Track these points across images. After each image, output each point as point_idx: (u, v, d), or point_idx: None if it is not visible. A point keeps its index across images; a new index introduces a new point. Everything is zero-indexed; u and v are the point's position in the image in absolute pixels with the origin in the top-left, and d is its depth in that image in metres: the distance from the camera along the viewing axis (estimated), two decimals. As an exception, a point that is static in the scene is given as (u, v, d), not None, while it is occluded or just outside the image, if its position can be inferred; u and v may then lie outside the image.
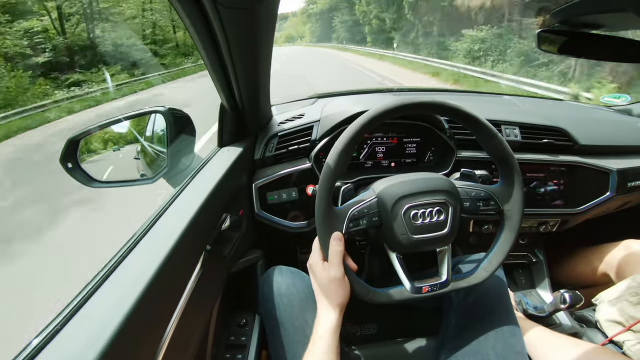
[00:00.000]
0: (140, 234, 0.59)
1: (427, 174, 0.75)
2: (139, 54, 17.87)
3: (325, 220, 0.65)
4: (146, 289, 0.47)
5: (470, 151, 1.11)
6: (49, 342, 0.40)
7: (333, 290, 0.66)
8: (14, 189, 4.72)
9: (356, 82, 11.45)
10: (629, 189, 1.16)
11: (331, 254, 0.65)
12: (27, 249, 3.02)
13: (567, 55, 0.81)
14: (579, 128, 1.18)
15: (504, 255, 0.73)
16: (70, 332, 0.41)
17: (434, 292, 0.69)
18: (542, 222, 1.20)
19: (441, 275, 0.71)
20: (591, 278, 1.22)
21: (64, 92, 12.92)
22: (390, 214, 0.67)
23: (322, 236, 0.66)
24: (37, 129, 8.91)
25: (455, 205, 0.69)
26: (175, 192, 0.74)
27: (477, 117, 0.69)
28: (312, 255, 0.71)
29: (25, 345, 0.39)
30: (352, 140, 0.65)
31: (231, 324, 0.97)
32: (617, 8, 0.54)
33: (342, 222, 0.67)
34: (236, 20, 0.58)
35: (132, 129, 0.99)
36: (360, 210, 0.68)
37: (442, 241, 0.70)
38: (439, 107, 0.69)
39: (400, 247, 0.70)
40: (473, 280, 0.72)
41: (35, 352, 0.38)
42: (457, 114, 0.69)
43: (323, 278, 0.66)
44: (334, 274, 0.65)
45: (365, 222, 0.68)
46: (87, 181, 0.86)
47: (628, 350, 0.88)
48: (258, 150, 1.05)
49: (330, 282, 0.65)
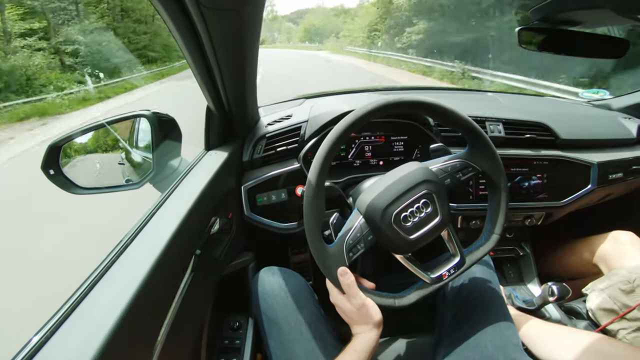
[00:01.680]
0: (128, 239, 0.58)
1: (400, 169, 0.74)
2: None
3: (326, 263, 0.66)
4: (136, 294, 0.46)
5: (455, 147, 1.12)
6: (42, 346, 0.39)
7: (364, 316, 0.68)
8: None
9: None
10: (609, 181, 1.19)
11: (346, 289, 0.67)
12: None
13: (547, 51, 0.83)
14: (560, 123, 1.21)
15: (504, 212, 0.74)
16: (61, 337, 0.40)
17: (454, 274, 0.70)
18: (527, 216, 1.22)
19: (454, 256, 0.72)
20: (578, 269, 1.25)
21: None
22: (381, 227, 0.67)
23: (329, 277, 0.67)
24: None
25: (438, 189, 0.70)
26: (162, 197, 0.73)
27: (425, 100, 0.70)
28: (331, 294, 0.72)
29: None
30: (321, 171, 0.66)
31: (224, 327, 0.96)
32: (594, 5, 0.56)
33: (342, 256, 0.67)
34: (220, 22, 0.57)
35: (116, 133, 0.97)
36: (353, 237, 0.68)
37: (439, 228, 0.70)
38: (396, 105, 0.69)
39: (403, 250, 0.70)
40: (487, 247, 0.73)
41: (28, 356, 0.37)
42: (417, 105, 0.70)
43: (350, 310, 0.68)
44: (356, 303, 0.67)
45: (362, 245, 0.68)
46: (69, 188, 0.84)
47: (623, 338, 0.89)
48: (246, 152, 1.04)
49: (358, 310, 0.67)
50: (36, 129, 7.61)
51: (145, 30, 18.80)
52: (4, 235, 3.10)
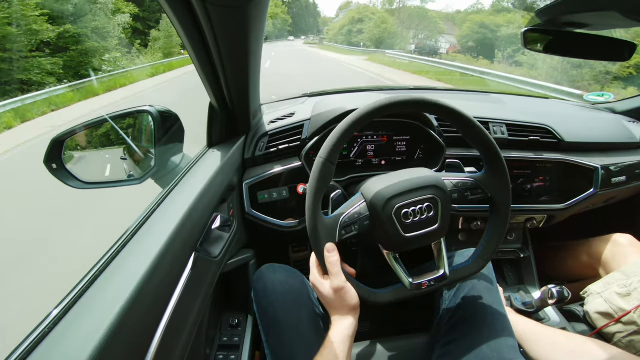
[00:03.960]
0: (129, 234, 0.58)
1: (413, 170, 0.75)
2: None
3: (317, 232, 0.65)
4: (136, 290, 0.46)
5: (459, 149, 1.12)
6: (40, 343, 0.39)
7: (341, 299, 0.67)
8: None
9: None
10: (612, 185, 1.19)
11: (328, 265, 0.67)
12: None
13: (551, 53, 0.82)
14: (564, 125, 1.20)
15: (498, 241, 0.74)
16: (60, 333, 0.40)
17: (433, 287, 0.70)
18: (529, 218, 1.22)
19: (439, 269, 0.71)
20: (579, 272, 1.24)
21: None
22: (380, 216, 0.67)
23: (316, 248, 0.67)
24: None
25: (444, 198, 0.70)
26: (164, 193, 0.73)
27: (453, 107, 0.70)
28: (312, 273, 0.71)
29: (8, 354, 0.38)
30: (334, 147, 0.66)
31: (223, 324, 0.97)
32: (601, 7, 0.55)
33: (334, 231, 0.67)
34: (225, 19, 0.57)
35: (119, 128, 0.97)
36: (350, 217, 0.68)
37: (434, 236, 0.70)
38: (418, 104, 0.69)
39: (394, 247, 0.70)
40: (471, 269, 0.73)
41: (24, 354, 0.38)
42: (437, 107, 0.70)
43: (327, 290, 0.68)
44: (336, 284, 0.66)
45: (357, 227, 0.68)
46: (72, 182, 0.84)
47: (619, 341, 0.90)
48: (248, 149, 1.04)
49: (335, 292, 0.67)
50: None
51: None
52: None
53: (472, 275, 0.76)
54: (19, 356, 0.38)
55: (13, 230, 2.99)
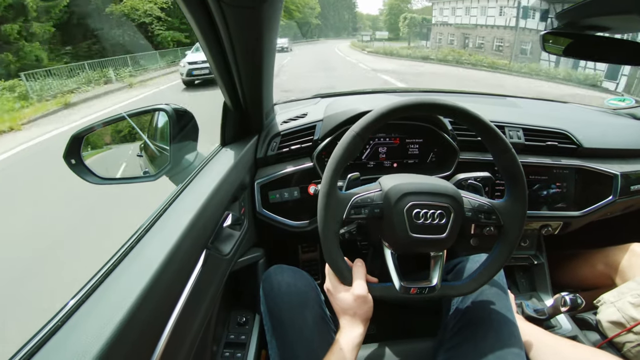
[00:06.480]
0: (142, 230, 0.60)
1: (435, 178, 0.75)
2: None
3: (328, 201, 0.65)
4: (147, 285, 0.47)
5: (472, 152, 1.10)
6: (49, 339, 0.40)
7: (358, 307, 0.68)
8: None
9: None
10: (631, 193, 1.15)
11: (355, 274, 0.68)
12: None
13: (571, 57, 0.81)
14: (582, 130, 1.17)
15: (496, 269, 0.73)
16: (71, 328, 0.42)
17: (421, 295, 0.69)
18: (544, 225, 1.19)
19: (432, 280, 0.70)
20: (593, 281, 1.21)
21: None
22: (392, 207, 0.67)
23: (322, 219, 0.66)
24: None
25: (458, 211, 0.69)
26: (177, 190, 0.74)
27: (494, 128, 0.68)
28: (328, 279, 0.72)
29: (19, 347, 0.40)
30: (370, 125, 0.66)
31: (231, 322, 0.98)
32: (622, 10, 0.54)
33: (345, 207, 0.67)
34: (240, 19, 0.58)
35: (136, 125, 0.99)
36: (363, 199, 0.68)
37: (438, 244, 0.69)
38: (456, 112, 0.68)
39: (396, 243, 0.70)
40: (462, 289, 0.72)
41: (34, 349, 0.39)
42: (475, 122, 0.68)
43: (346, 297, 0.68)
44: (358, 292, 0.67)
45: (367, 211, 0.68)
46: (90, 177, 0.87)
47: (628, 351, 0.88)
48: (260, 148, 1.05)
49: (354, 300, 0.67)
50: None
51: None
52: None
53: (460, 295, 0.76)
54: (35, 344, 0.39)
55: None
